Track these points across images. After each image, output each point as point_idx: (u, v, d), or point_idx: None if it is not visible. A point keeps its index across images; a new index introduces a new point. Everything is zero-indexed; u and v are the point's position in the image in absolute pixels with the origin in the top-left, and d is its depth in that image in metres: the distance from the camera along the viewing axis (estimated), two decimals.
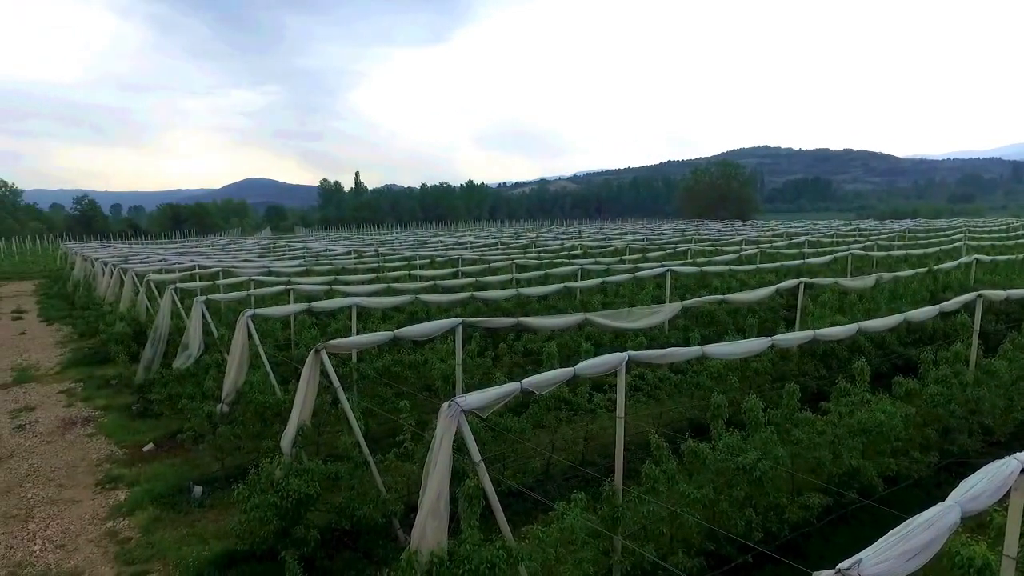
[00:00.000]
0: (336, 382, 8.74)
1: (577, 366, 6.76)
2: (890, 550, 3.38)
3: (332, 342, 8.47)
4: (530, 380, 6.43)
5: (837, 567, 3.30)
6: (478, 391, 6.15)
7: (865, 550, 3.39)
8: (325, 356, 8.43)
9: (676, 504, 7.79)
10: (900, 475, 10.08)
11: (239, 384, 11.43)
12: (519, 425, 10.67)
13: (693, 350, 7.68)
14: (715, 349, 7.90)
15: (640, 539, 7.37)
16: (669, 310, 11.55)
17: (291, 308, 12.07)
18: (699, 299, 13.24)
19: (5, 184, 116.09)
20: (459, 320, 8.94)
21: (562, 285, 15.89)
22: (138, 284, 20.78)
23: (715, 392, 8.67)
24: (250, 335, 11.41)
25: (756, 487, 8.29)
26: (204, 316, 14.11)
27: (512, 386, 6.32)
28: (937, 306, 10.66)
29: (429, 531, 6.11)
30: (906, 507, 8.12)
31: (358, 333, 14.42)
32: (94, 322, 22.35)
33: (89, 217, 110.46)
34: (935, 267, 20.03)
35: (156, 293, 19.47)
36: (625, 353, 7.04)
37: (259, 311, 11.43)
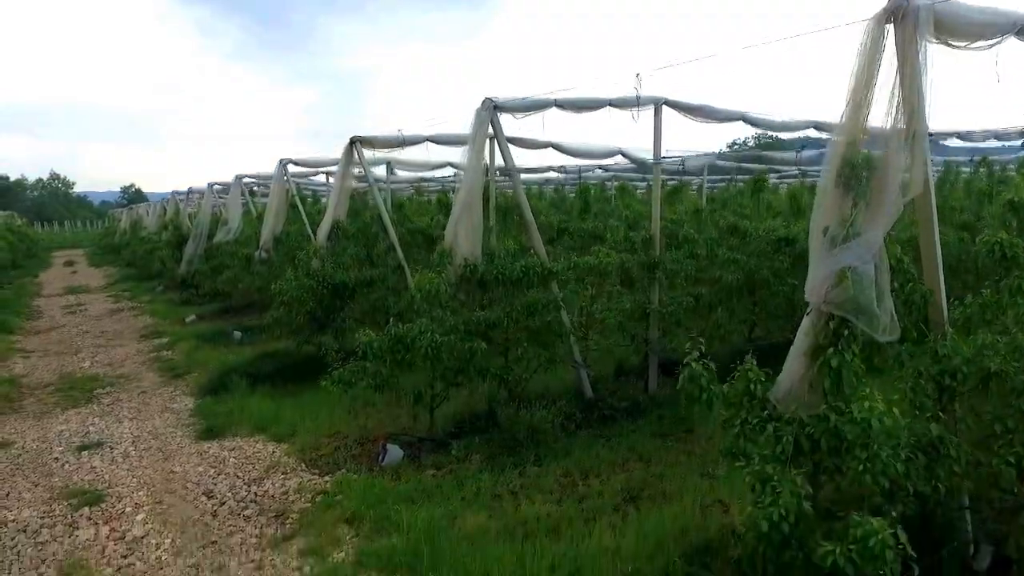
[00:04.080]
0: (371, 178, 8.75)
1: (612, 97, 6.61)
2: None
3: (367, 135, 8.46)
4: (564, 97, 6.32)
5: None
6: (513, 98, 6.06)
7: None
8: (359, 148, 8.43)
9: (715, 270, 7.60)
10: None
11: (277, 232, 11.55)
12: (554, 251, 10.59)
13: (732, 111, 7.45)
14: (753, 115, 7.67)
15: (680, 291, 7.20)
16: None
17: (325, 156, 12.15)
18: None
19: (58, 177, 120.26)
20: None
21: None
22: (180, 204, 21.29)
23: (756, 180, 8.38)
24: (287, 185, 11.52)
25: (799, 262, 8.02)
26: (243, 193, 14.32)
27: (547, 99, 6.21)
28: None
29: (461, 234, 6.05)
30: None
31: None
32: (138, 247, 22.96)
33: (135, 205, 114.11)
34: None
35: (198, 207, 19.87)
36: (662, 95, 6.85)
37: (294, 158, 11.54)
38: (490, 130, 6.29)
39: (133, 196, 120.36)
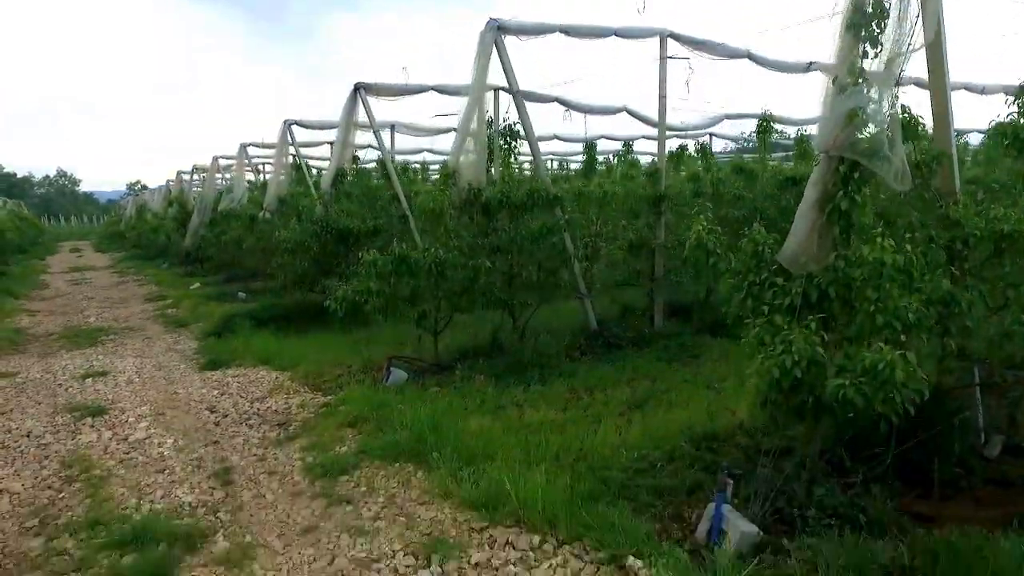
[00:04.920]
0: (374, 124, 8.71)
1: (617, 26, 6.56)
2: None
3: (371, 82, 8.43)
4: (569, 24, 6.28)
5: None
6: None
7: None
8: (363, 95, 8.40)
9: (722, 207, 7.53)
10: None
11: (281, 192, 11.54)
12: None
13: (738, 47, 7.39)
14: (760, 55, 7.60)
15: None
16: None
17: (330, 119, 12.14)
18: None
19: (64, 174, 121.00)
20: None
21: None
22: (184, 183, 21.33)
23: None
24: (291, 144, 11.52)
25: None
26: (247, 160, 14.33)
27: (552, 24, 6.17)
28: None
29: (465, 158, 6.01)
30: None
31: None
32: (143, 227, 23.01)
33: (141, 191, 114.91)
34: None
35: (204, 183, 19.88)
36: (666, 28, 6.81)
37: (298, 119, 11.53)
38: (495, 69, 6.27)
39: (140, 191, 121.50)
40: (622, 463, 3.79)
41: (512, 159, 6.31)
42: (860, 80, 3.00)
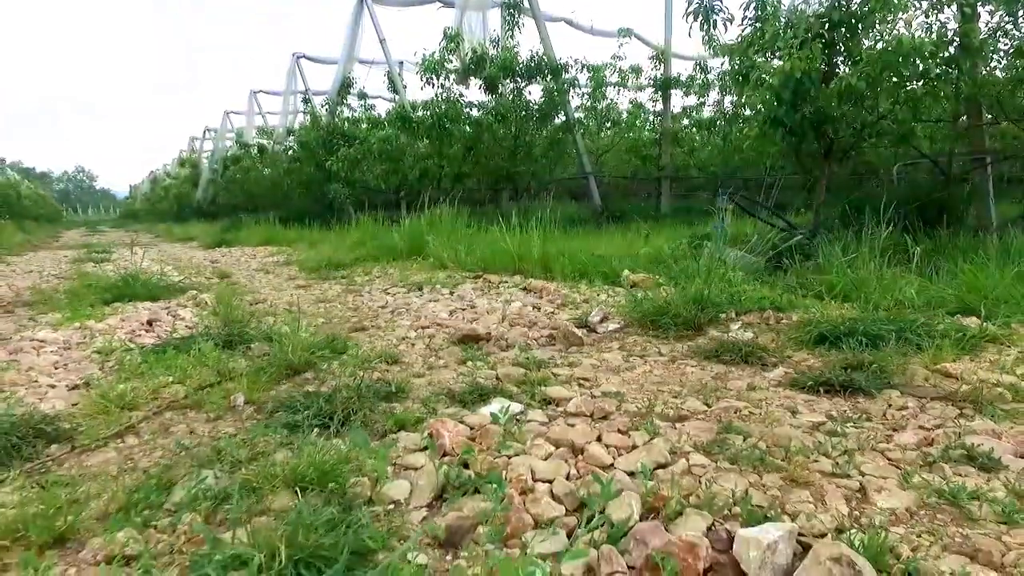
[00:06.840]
0: (382, 33, 8.67)
1: None
2: None
3: None
4: None
5: None
6: None
7: None
8: (369, 4, 8.37)
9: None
10: None
11: (289, 124, 11.55)
12: None
13: None
14: None
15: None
16: None
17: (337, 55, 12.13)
18: None
19: (82, 170, 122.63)
20: None
21: None
22: (194, 143, 21.47)
23: None
24: (300, 91, 11.54)
25: None
26: (257, 108, 14.39)
27: None
28: None
29: (468, 21, 5.96)
30: None
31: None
32: (151, 194, 23.22)
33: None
34: None
35: (216, 141, 19.99)
36: None
37: (308, 53, 11.54)
38: None
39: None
40: (624, 255, 3.73)
41: (515, 31, 6.21)
42: None
